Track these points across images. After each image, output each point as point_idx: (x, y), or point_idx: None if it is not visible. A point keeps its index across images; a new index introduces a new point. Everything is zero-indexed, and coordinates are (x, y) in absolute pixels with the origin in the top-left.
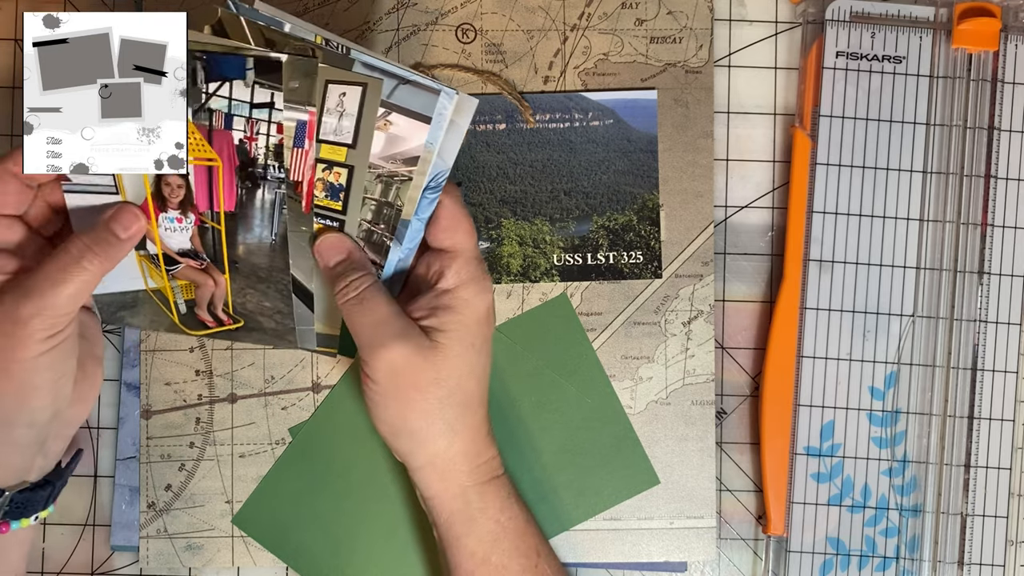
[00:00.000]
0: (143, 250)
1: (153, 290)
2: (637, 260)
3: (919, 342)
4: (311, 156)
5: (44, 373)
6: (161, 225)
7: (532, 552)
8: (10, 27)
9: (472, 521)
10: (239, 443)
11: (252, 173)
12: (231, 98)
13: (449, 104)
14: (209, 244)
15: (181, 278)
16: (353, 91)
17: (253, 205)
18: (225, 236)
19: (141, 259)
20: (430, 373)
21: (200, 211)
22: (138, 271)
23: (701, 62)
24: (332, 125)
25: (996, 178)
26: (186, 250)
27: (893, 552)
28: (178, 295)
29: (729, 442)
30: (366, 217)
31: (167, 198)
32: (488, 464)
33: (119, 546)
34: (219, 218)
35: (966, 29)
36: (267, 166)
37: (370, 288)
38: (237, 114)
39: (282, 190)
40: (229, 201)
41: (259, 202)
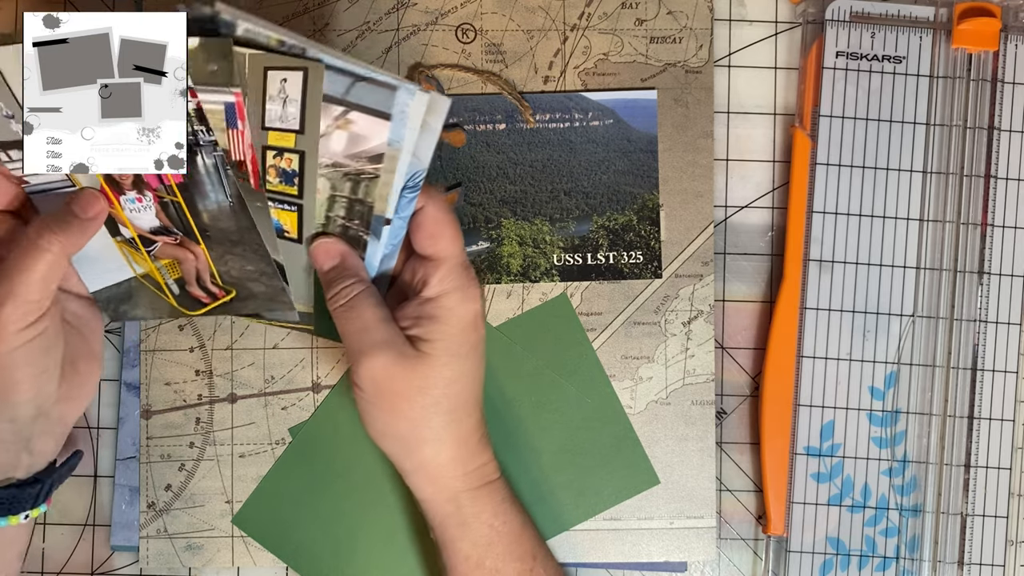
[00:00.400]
0: (119, 236)
1: (142, 276)
2: (637, 260)
3: (919, 342)
4: (246, 135)
5: (23, 368)
6: (125, 208)
7: (528, 556)
8: (10, 27)
9: (465, 525)
10: (239, 443)
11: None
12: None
13: (410, 100)
14: (175, 217)
15: (162, 257)
16: (294, 76)
17: (198, 171)
18: (186, 206)
19: (120, 245)
20: (415, 382)
21: (153, 188)
22: (121, 259)
23: (701, 62)
24: (277, 112)
25: (996, 178)
26: (157, 227)
27: (893, 552)
28: (166, 275)
29: (729, 442)
30: (340, 214)
31: (119, 181)
32: (481, 470)
33: (119, 546)
34: (173, 191)
35: (966, 29)
36: (195, 132)
37: (359, 295)
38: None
39: (218, 152)
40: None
41: (203, 167)
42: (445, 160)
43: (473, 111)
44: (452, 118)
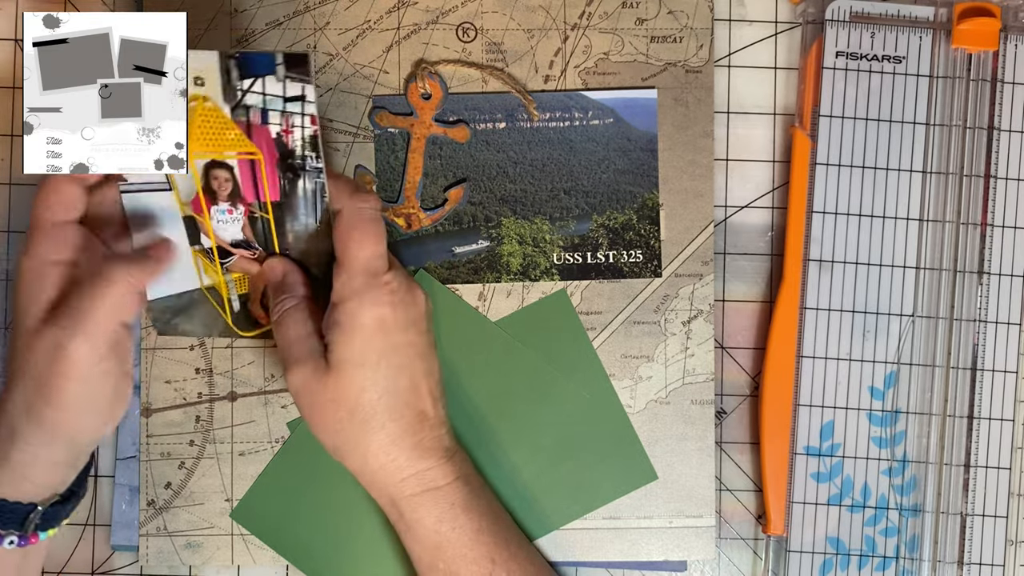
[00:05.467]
0: (197, 245)
1: (207, 288)
2: (637, 259)
3: (919, 342)
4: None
5: (88, 395)
6: (213, 218)
7: (485, 560)
8: (10, 27)
9: (410, 530)
10: (239, 441)
11: (291, 164)
12: (265, 94)
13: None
14: (260, 233)
15: (235, 271)
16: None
17: (296, 194)
18: (274, 224)
19: (196, 254)
20: (328, 395)
21: (248, 202)
22: (193, 269)
23: (701, 62)
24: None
25: (996, 178)
26: (239, 241)
27: (893, 552)
28: (232, 290)
29: (729, 442)
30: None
31: (216, 191)
32: (418, 477)
33: (119, 545)
34: (267, 208)
35: (966, 29)
36: (304, 156)
37: (288, 311)
38: (272, 109)
39: (321, 179)
40: (273, 191)
41: (301, 191)
42: (445, 158)
43: (473, 110)
44: (454, 115)
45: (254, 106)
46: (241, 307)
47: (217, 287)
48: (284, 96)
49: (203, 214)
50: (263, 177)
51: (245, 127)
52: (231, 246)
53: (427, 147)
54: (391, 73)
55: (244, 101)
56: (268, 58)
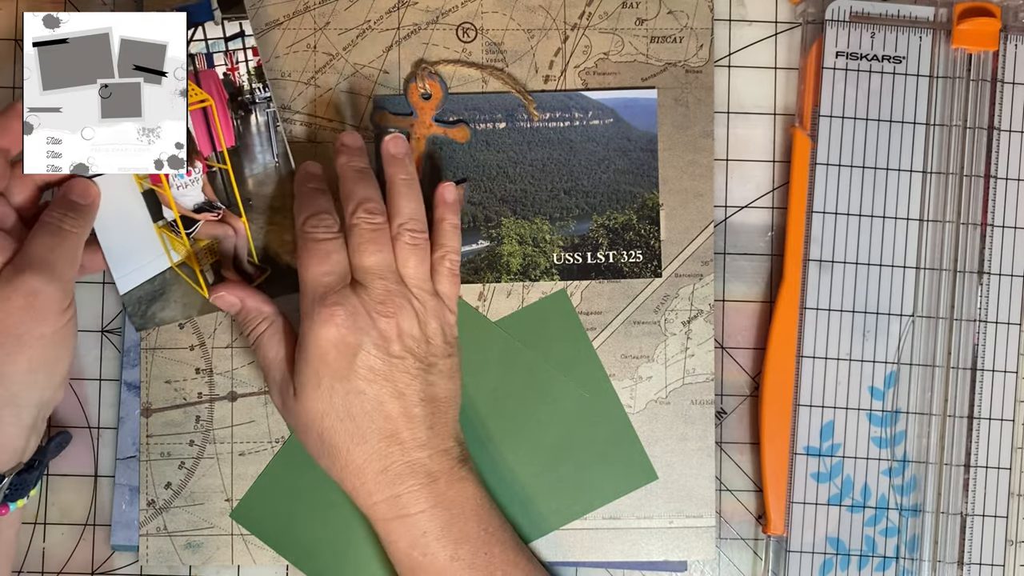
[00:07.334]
0: (160, 220)
1: (178, 264)
2: (637, 259)
3: (919, 342)
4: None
5: (57, 349)
6: (173, 185)
7: None
8: (10, 27)
9: (388, 547)
10: (239, 441)
11: (241, 101)
12: (207, 39)
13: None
14: (220, 188)
15: (202, 238)
16: None
17: (250, 132)
18: (233, 174)
19: (160, 231)
20: (299, 420)
21: (204, 156)
22: (160, 247)
23: (701, 62)
24: None
25: (996, 178)
26: (201, 204)
27: (893, 552)
28: (203, 261)
29: (729, 442)
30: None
31: None
32: (388, 503)
33: (119, 546)
34: (224, 158)
35: (966, 29)
36: (252, 89)
37: (261, 336)
38: (215, 51)
39: (272, 108)
40: (228, 136)
41: (255, 127)
42: (446, 158)
43: (473, 110)
44: (454, 115)
45: (198, 53)
46: (216, 277)
47: (188, 261)
48: (225, 37)
49: (161, 183)
50: (216, 124)
51: (192, 76)
52: (194, 212)
53: (427, 147)
54: (391, 73)
55: (189, 51)
56: (205, 5)
